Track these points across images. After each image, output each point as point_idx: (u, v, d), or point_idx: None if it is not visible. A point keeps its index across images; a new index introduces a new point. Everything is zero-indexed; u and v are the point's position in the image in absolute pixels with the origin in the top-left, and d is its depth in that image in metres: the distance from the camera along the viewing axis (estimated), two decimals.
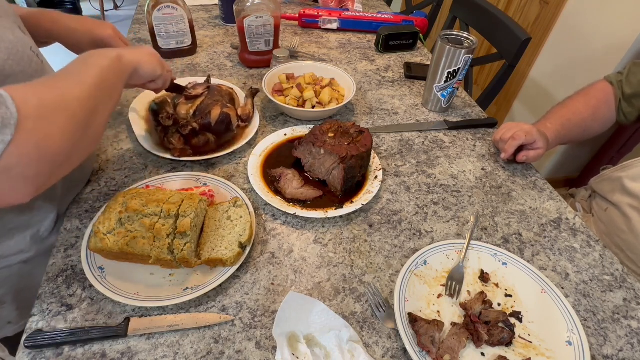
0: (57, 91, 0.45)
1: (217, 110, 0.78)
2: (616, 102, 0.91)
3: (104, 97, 0.53)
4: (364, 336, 0.56)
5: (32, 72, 0.56)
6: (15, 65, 0.53)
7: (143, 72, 0.63)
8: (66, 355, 0.51)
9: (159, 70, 0.67)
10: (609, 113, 0.92)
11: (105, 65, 0.54)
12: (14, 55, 0.52)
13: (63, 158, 0.45)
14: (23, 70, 0.54)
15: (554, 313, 0.59)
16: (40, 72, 0.58)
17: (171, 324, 0.55)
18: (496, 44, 1.26)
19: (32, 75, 0.56)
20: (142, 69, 0.62)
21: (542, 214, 0.78)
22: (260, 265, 0.64)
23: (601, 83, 0.94)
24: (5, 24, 0.54)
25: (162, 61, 0.68)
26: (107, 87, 0.53)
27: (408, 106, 1.04)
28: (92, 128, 0.50)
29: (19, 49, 0.53)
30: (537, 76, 2.02)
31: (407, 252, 0.68)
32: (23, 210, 0.63)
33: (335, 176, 0.74)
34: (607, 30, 1.63)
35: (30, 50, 0.56)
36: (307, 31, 1.37)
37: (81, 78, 0.50)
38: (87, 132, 0.48)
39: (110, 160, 0.79)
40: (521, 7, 2.03)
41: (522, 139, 0.82)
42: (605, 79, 0.94)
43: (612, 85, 0.91)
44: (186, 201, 0.61)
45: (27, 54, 0.55)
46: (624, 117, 0.91)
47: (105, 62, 0.54)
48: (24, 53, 0.54)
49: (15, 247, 0.64)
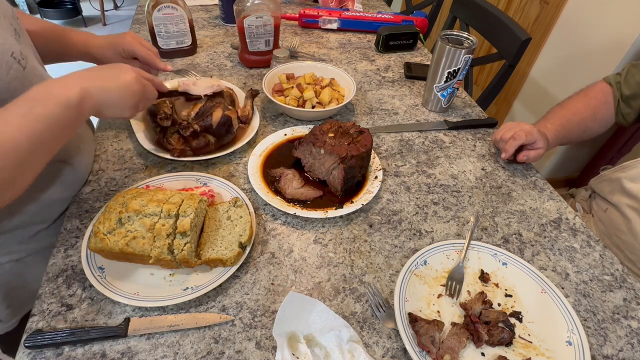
0: None
1: (218, 112, 0.77)
2: (615, 103, 0.91)
3: (38, 155, 0.48)
4: (364, 336, 0.56)
5: (9, 80, 0.52)
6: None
7: (108, 113, 0.58)
8: (66, 355, 0.51)
9: (128, 112, 0.61)
10: (608, 114, 0.92)
11: (53, 116, 0.49)
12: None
13: None
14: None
15: (554, 313, 0.59)
16: (20, 79, 0.54)
17: (171, 324, 0.55)
18: (496, 44, 1.26)
19: (9, 82, 0.52)
20: (107, 111, 0.58)
21: (542, 214, 0.78)
22: (260, 265, 0.64)
23: (600, 84, 0.94)
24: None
25: (139, 99, 0.61)
26: (47, 143, 0.49)
27: (408, 106, 1.04)
28: (16, 183, 0.47)
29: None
30: (537, 76, 2.02)
31: (407, 252, 0.68)
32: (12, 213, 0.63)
33: (335, 176, 0.74)
34: (607, 30, 1.63)
35: (10, 57, 0.52)
36: (307, 31, 1.37)
37: (14, 134, 0.45)
38: (6, 188, 0.46)
39: (110, 160, 0.79)
40: (521, 7, 2.03)
41: (522, 138, 0.81)
42: (604, 80, 0.94)
43: (610, 86, 0.91)
44: (186, 201, 0.61)
45: (6, 61, 0.52)
46: (623, 119, 0.91)
47: (57, 112, 0.49)
48: (1, 60, 0.51)
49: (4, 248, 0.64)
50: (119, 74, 0.59)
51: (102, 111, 0.57)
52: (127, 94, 0.59)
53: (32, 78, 0.59)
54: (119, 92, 0.58)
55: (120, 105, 0.59)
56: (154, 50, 0.84)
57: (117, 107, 0.58)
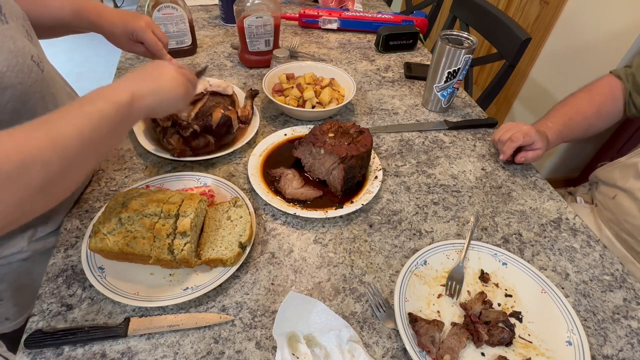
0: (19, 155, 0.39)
1: (218, 112, 0.78)
2: (624, 95, 0.89)
3: (89, 154, 0.47)
4: (364, 336, 0.56)
5: (31, 83, 0.54)
6: (14, 77, 0.51)
7: (162, 112, 0.59)
8: (66, 355, 0.51)
9: (182, 103, 0.61)
10: (614, 109, 0.91)
11: (105, 113, 0.48)
12: (12, 66, 0.50)
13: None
14: (22, 81, 0.52)
15: (554, 313, 0.59)
16: (39, 82, 0.56)
17: (171, 324, 0.55)
18: (496, 44, 1.26)
19: (30, 86, 0.54)
20: (161, 110, 0.58)
21: (542, 214, 0.78)
22: (260, 265, 0.64)
23: (607, 78, 0.93)
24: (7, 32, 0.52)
25: (188, 87, 0.62)
26: (97, 142, 0.48)
27: (408, 106, 1.04)
28: (64, 180, 0.45)
29: (18, 60, 0.51)
30: (537, 76, 2.02)
31: (407, 252, 0.68)
32: None
33: (335, 176, 0.74)
34: (607, 30, 1.63)
35: (30, 60, 0.54)
36: (307, 31, 1.37)
37: (65, 128, 0.44)
38: (49, 192, 0.44)
39: (110, 160, 0.79)
40: (521, 7, 2.03)
41: (520, 140, 0.81)
42: (611, 74, 0.93)
43: (619, 80, 0.90)
44: (186, 201, 0.61)
45: (27, 64, 0.53)
46: (635, 109, 0.89)
47: (107, 109, 0.49)
48: (23, 64, 0.52)
49: (13, 247, 0.64)
50: (161, 71, 0.59)
51: (156, 110, 0.58)
52: (177, 89, 0.59)
53: (50, 81, 0.59)
54: (169, 89, 0.58)
55: (173, 101, 0.59)
56: (165, 41, 0.82)
57: (169, 104, 0.59)
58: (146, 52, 0.81)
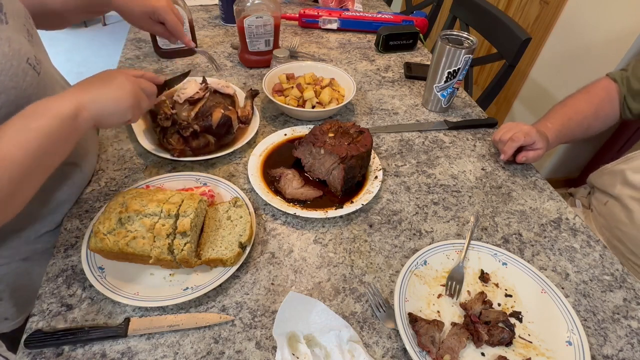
0: None
1: (218, 113, 0.78)
2: (620, 98, 0.90)
3: (36, 169, 0.48)
4: (364, 336, 0.56)
5: (26, 86, 0.52)
6: (8, 80, 0.50)
7: (109, 122, 0.57)
8: (66, 355, 0.51)
9: (130, 113, 0.59)
10: (611, 111, 0.91)
11: (49, 129, 0.48)
12: (6, 70, 0.49)
13: None
14: (16, 85, 0.51)
15: (554, 313, 0.59)
16: (35, 85, 0.54)
17: (171, 324, 0.55)
18: (496, 44, 1.26)
19: (25, 89, 0.52)
20: (108, 119, 0.56)
21: (542, 214, 0.78)
22: (260, 265, 0.64)
23: (603, 81, 0.93)
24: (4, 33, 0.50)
25: (138, 97, 0.60)
26: (44, 158, 0.48)
27: (408, 106, 1.04)
28: (15, 199, 0.46)
29: (12, 64, 0.50)
30: (537, 76, 2.02)
31: (407, 252, 0.68)
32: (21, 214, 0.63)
33: (335, 176, 0.74)
34: (607, 30, 1.63)
35: (25, 63, 0.52)
36: (307, 31, 1.37)
37: (10, 149, 0.44)
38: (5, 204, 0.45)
39: (110, 160, 0.79)
40: (521, 7, 2.03)
41: (521, 140, 0.81)
42: (607, 77, 0.93)
43: (615, 83, 0.91)
44: (186, 201, 0.61)
45: (22, 68, 0.52)
46: (630, 113, 0.90)
47: (52, 125, 0.48)
48: (18, 67, 0.51)
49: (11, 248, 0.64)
50: (111, 79, 0.58)
51: (102, 121, 0.56)
52: (124, 97, 0.57)
53: (46, 83, 0.58)
54: (115, 97, 0.56)
55: (118, 111, 0.57)
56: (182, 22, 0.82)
57: (115, 113, 0.57)
58: (165, 32, 0.81)
